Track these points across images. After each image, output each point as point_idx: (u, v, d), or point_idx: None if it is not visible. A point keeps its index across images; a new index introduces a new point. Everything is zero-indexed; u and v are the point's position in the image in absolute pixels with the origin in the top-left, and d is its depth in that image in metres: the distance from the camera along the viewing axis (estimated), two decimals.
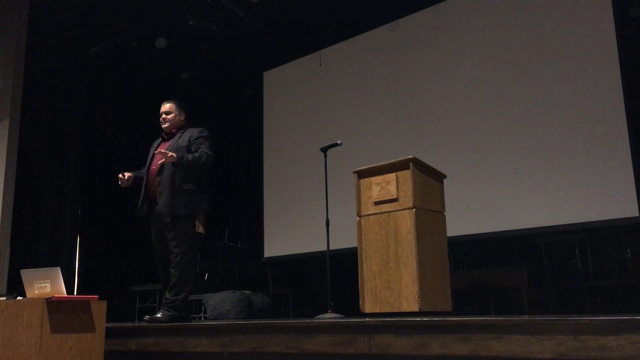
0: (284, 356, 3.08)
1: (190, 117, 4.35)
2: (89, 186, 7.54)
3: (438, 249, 3.69)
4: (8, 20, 6.40)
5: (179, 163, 3.94)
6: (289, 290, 7.29)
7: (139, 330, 3.83)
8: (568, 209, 5.37)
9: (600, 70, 5.40)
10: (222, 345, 3.34)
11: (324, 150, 4.97)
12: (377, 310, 3.58)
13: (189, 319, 4.14)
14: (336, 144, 4.96)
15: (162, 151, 3.95)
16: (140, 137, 6.43)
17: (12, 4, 6.39)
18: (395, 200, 3.63)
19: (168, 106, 4.26)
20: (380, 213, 3.68)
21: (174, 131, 4.24)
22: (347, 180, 4.44)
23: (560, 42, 5.68)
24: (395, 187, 3.64)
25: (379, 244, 3.64)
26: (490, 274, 5.88)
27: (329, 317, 4.25)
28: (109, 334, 3.49)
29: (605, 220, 5.21)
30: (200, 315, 6.52)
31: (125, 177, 4.13)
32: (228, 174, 8.31)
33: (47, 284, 3.20)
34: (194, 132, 4.19)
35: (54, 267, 3.29)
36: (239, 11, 6.92)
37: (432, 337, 2.60)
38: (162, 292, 4.46)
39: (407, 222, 3.53)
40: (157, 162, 4.09)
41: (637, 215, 5.02)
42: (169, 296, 3.96)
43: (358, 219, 3.80)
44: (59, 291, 3.19)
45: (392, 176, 3.67)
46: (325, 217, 4.80)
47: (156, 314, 3.97)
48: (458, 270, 6.07)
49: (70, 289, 6.80)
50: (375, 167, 3.79)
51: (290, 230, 7.35)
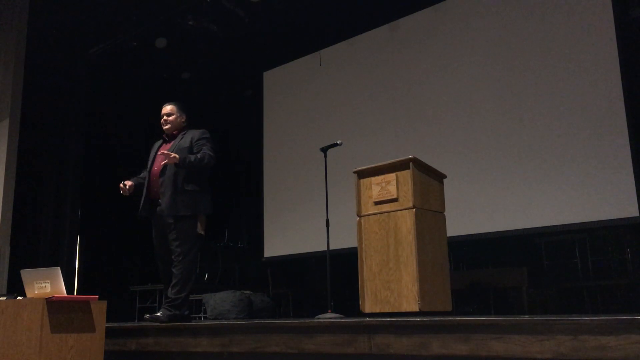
0: (284, 356, 3.08)
1: (190, 119, 4.36)
2: (89, 186, 7.53)
3: (438, 249, 3.70)
4: (8, 20, 6.39)
5: (182, 164, 3.97)
6: (289, 290, 7.29)
7: (139, 330, 3.83)
8: (568, 209, 5.36)
9: (600, 70, 5.40)
10: (222, 345, 3.34)
11: (324, 150, 4.97)
12: (377, 310, 3.58)
13: (189, 319, 4.15)
14: (336, 144, 4.96)
15: (165, 152, 3.98)
16: (140, 137, 6.44)
17: (12, 4, 6.39)
18: (395, 200, 3.63)
19: (169, 108, 4.29)
20: (380, 213, 3.68)
21: (175, 133, 4.27)
22: (347, 180, 4.45)
23: (560, 42, 5.68)
24: (395, 187, 3.64)
25: (379, 244, 3.64)
26: (490, 274, 5.89)
27: (329, 317, 4.25)
28: (109, 334, 3.49)
29: (605, 220, 5.20)
30: (200, 315, 6.52)
31: (126, 186, 4.17)
32: (228, 174, 8.30)
33: (47, 284, 3.21)
34: (195, 133, 4.22)
35: (54, 267, 3.30)
36: (239, 11, 6.92)
37: (432, 337, 2.60)
38: (163, 292, 4.47)
39: (407, 222, 3.53)
40: (159, 163, 4.11)
41: (637, 215, 5.01)
42: (170, 295, 3.98)
43: (358, 219, 3.80)
44: (59, 291, 3.19)
45: (392, 176, 3.68)
46: (325, 217, 4.80)
47: (157, 313, 3.99)
48: (458, 270, 6.07)
49: (70, 289, 6.79)
50: (375, 167, 3.79)
51: (290, 230, 7.34)
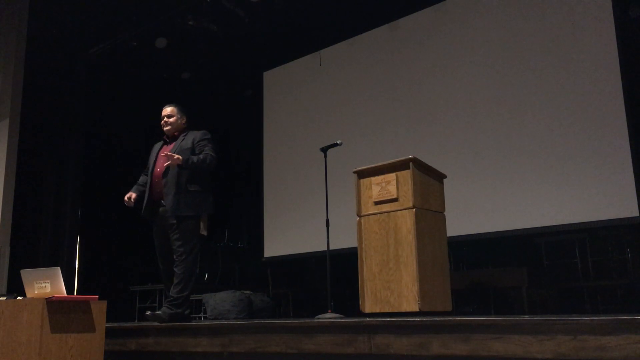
0: (284, 356, 3.08)
1: (190, 120, 4.37)
2: (89, 186, 7.54)
3: (438, 249, 3.69)
4: (8, 20, 6.40)
5: (185, 165, 3.99)
6: (289, 290, 7.29)
7: (139, 330, 3.83)
8: (568, 209, 5.36)
9: (600, 70, 5.40)
10: (222, 345, 3.34)
11: (324, 150, 4.97)
12: (377, 310, 3.58)
13: (189, 318, 4.16)
14: (336, 144, 4.96)
15: (168, 154, 4.00)
16: (140, 137, 6.44)
17: (12, 4, 6.39)
18: (395, 200, 3.63)
19: (170, 110, 4.30)
20: (380, 213, 3.68)
21: (175, 134, 4.29)
22: (347, 180, 4.44)
23: (560, 42, 5.67)
24: (395, 187, 3.64)
25: (379, 244, 3.64)
26: (490, 274, 5.89)
27: (329, 317, 4.25)
28: (109, 334, 3.49)
29: (605, 220, 5.20)
30: (200, 315, 6.52)
31: (131, 200, 4.20)
32: (228, 174, 8.30)
33: (47, 284, 3.21)
34: (196, 134, 4.24)
35: (54, 267, 3.30)
36: (239, 11, 6.92)
37: (432, 337, 2.60)
38: (164, 292, 4.48)
39: (407, 222, 3.53)
40: (162, 164, 4.12)
41: (637, 215, 5.01)
42: (172, 293, 4.00)
43: (358, 219, 3.80)
44: (59, 291, 3.19)
45: (392, 176, 3.68)
46: (325, 217, 4.80)
47: (157, 312, 4.01)
48: (458, 270, 6.07)
49: (70, 289, 6.79)
50: (375, 167, 3.79)
51: (290, 230, 7.34)
